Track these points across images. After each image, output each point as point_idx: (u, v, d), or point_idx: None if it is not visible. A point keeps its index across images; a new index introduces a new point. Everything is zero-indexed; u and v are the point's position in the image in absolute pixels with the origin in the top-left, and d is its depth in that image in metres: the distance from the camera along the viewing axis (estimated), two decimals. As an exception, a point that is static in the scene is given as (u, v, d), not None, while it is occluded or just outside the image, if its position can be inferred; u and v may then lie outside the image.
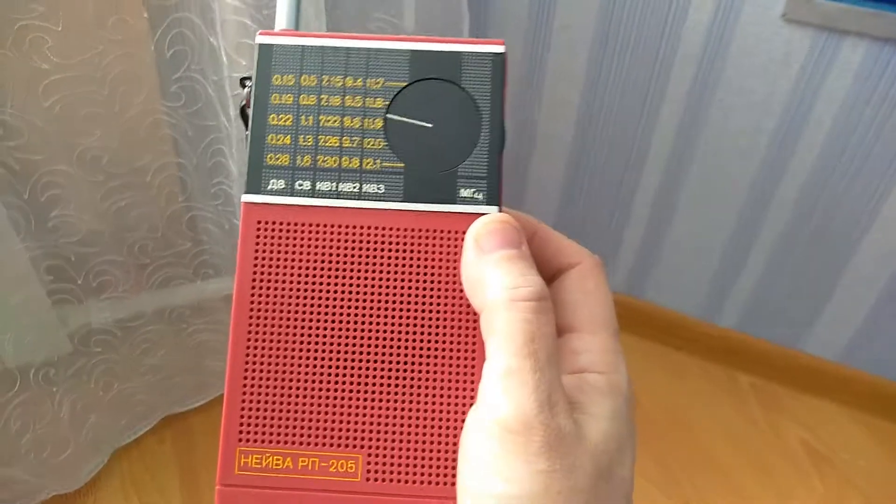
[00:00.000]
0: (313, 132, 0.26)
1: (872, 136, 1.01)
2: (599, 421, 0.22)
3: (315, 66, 0.26)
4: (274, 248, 0.25)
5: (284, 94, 0.26)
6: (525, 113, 1.24)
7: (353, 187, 0.26)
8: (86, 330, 0.98)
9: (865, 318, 1.21)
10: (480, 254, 0.24)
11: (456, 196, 0.26)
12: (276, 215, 0.25)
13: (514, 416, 0.21)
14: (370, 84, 0.26)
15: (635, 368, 1.13)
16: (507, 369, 0.22)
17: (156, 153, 0.93)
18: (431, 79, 0.26)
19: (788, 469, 1.23)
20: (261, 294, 0.25)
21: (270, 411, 0.25)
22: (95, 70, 0.82)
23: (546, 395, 0.21)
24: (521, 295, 0.23)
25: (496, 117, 0.26)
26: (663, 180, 1.20)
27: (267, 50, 0.26)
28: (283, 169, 0.26)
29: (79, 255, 0.92)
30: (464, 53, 0.26)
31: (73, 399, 0.99)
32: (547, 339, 0.22)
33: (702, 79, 1.06)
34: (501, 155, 0.26)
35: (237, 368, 0.25)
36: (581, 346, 0.25)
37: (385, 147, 0.26)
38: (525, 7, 1.12)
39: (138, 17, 0.84)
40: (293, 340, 0.25)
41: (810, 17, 0.93)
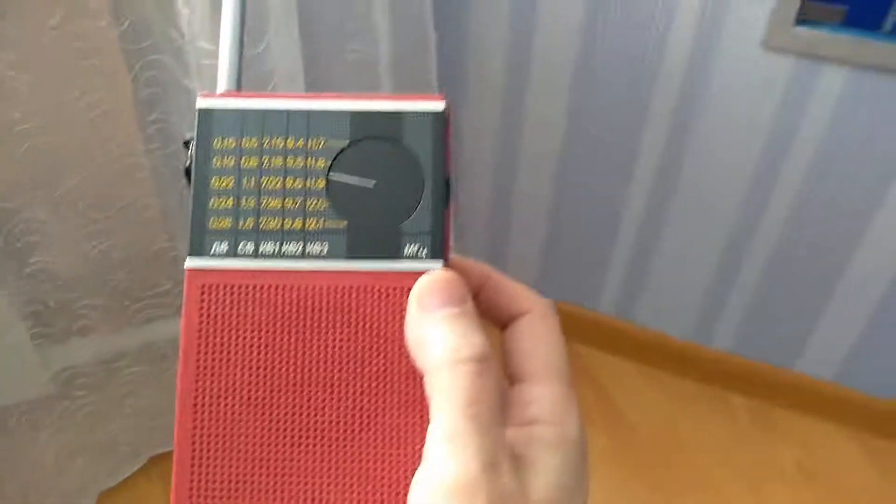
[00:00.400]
0: (255, 194, 0.26)
1: (856, 159, 1.01)
2: (545, 475, 0.22)
3: (256, 128, 0.26)
4: (219, 312, 0.25)
5: (226, 158, 0.26)
6: (509, 137, 1.23)
7: (296, 248, 0.26)
8: (69, 373, 0.98)
9: (857, 337, 1.20)
10: (423, 313, 0.24)
11: (400, 252, 0.25)
12: (220, 279, 0.25)
13: (458, 480, 0.21)
14: (312, 144, 0.26)
15: (628, 391, 1.12)
16: (449, 433, 0.22)
17: (135, 195, 0.92)
18: (373, 137, 0.26)
19: (782, 489, 1.22)
20: (207, 358, 0.25)
21: (220, 475, 0.24)
22: (72, 115, 0.81)
23: (489, 456, 0.21)
24: (461, 357, 0.22)
25: (439, 173, 0.26)
26: (650, 203, 1.20)
27: (207, 114, 0.26)
28: (226, 232, 0.26)
29: (59, 301, 0.91)
30: (404, 113, 0.26)
31: (57, 444, 0.98)
32: (489, 400, 0.22)
33: (683, 105, 1.06)
34: (448, 210, 0.26)
35: (186, 428, 0.25)
36: (532, 396, 0.25)
37: (328, 207, 0.26)
38: (505, 27, 1.11)
39: (113, 60, 0.83)
40: (240, 403, 0.25)
41: (790, 44, 0.92)
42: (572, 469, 0.23)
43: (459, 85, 1.21)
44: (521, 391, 0.25)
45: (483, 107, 1.22)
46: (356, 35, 0.98)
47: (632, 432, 1.30)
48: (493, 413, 0.22)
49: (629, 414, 1.33)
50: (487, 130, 1.25)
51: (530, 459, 0.23)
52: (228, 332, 0.25)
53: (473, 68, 1.18)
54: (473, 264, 0.27)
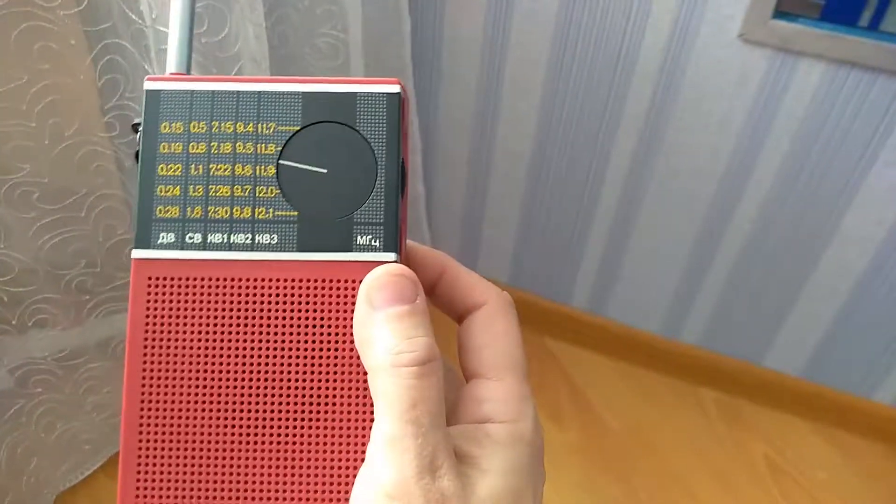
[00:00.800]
0: (204, 182, 0.25)
1: (830, 155, 1.01)
2: (492, 476, 0.22)
3: (205, 111, 0.25)
4: (165, 305, 0.24)
5: (173, 143, 0.25)
6: (483, 130, 1.21)
7: (245, 238, 0.25)
8: (24, 370, 0.94)
9: (826, 332, 1.21)
10: (370, 311, 0.23)
11: (352, 244, 0.25)
12: (167, 271, 0.25)
13: (395, 483, 0.21)
14: (262, 129, 0.25)
15: (599, 385, 1.12)
16: (389, 435, 0.22)
17: (92, 185, 0.88)
18: (325, 122, 0.25)
19: (752, 484, 1.23)
20: (153, 352, 0.24)
21: (167, 469, 0.24)
22: (20, 102, 0.77)
23: (428, 460, 0.21)
24: (403, 360, 0.22)
25: (393, 161, 0.25)
26: (622, 198, 1.19)
27: (154, 96, 0.25)
28: (173, 222, 0.25)
29: (12, 295, 0.87)
30: (358, 94, 0.25)
31: (11, 444, 0.95)
32: (430, 403, 0.22)
33: (659, 98, 1.05)
34: (403, 199, 0.25)
35: (132, 427, 0.24)
36: (485, 393, 0.24)
37: (278, 195, 0.25)
38: (480, 25, 1.10)
39: (65, 43, 0.79)
40: (187, 397, 0.24)
41: (767, 38, 0.92)
42: (522, 469, 0.23)
43: (434, 75, 1.19)
44: (476, 388, 0.25)
45: (457, 100, 1.20)
46: (327, 19, 0.95)
47: (602, 426, 1.30)
48: (434, 416, 0.22)
49: (599, 408, 1.33)
50: (462, 125, 1.23)
51: (477, 459, 0.23)
52: (175, 325, 0.24)
53: (448, 58, 1.16)
54: (431, 253, 0.27)
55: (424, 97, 1.21)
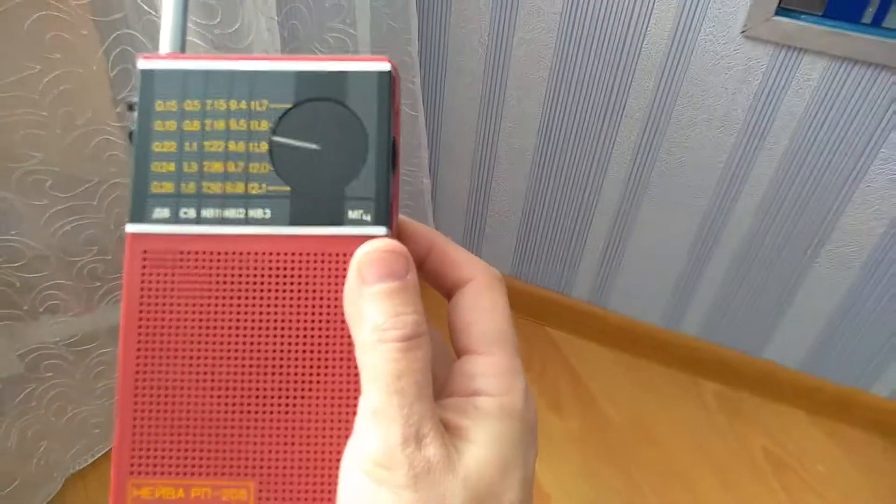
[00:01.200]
0: (197, 158, 0.25)
1: (830, 150, 1.01)
2: (478, 446, 0.22)
3: (198, 90, 0.25)
4: (160, 279, 0.25)
5: (168, 121, 0.25)
6: (488, 125, 1.22)
7: (238, 213, 0.25)
8: (36, 354, 0.95)
9: (825, 326, 1.22)
10: (361, 285, 0.23)
11: (344, 218, 0.25)
12: (162, 245, 0.25)
13: (381, 451, 0.21)
14: (255, 106, 0.25)
15: (600, 376, 1.13)
16: (375, 406, 0.22)
17: (104, 174, 0.89)
18: (317, 99, 0.25)
19: (751, 476, 1.24)
20: (148, 326, 0.24)
21: (161, 442, 0.24)
22: (33, 91, 0.78)
23: (413, 429, 0.22)
24: (389, 336, 0.22)
25: (384, 137, 0.25)
26: (625, 191, 1.20)
27: (149, 75, 0.25)
28: (168, 197, 0.25)
29: (24, 281, 0.89)
30: (349, 73, 0.25)
31: (21, 427, 0.96)
32: (416, 374, 0.22)
33: (662, 94, 1.06)
34: (394, 174, 0.26)
35: (127, 401, 0.24)
36: (475, 368, 0.24)
37: (271, 171, 0.25)
38: (486, 21, 1.10)
39: (77, 33, 0.80)
40: (181, 371, 0.24)
41: (769, 34, 0.92)
42: (510, 441, 0.23)
43: (440, 71, 1.20)
44: (466, 363, 0.25)
45: (462, 96, 1.21)
46: (336, 14, 0.96)
47: (603, 416, 1.31)
48: (420, 387, 0.22)
49: (601, 398, 1.34)
50: (467, 120, 1.24)
51: (465, 430, 0.23)
52: (170, 299, 0.24)
53: (454, 54, 1.17)
54: (421, 229, 0.27)
55: (430, 93, 1.22)
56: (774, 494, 1.21)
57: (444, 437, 0.22)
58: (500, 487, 0.22)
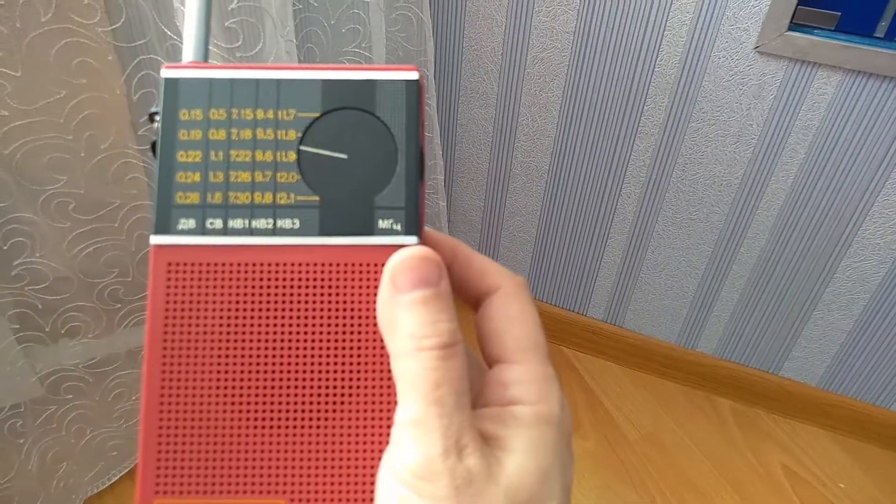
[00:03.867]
0: (224, 168, 0.24)
1: (846, 165, 1.01)
2: (518, 455, 0.22)
3: (224, 99, 0.25)
4: (186, 291, 0.24)
5: (192, 130, 0.25)
6: (502, 145, 1.23)
7: (267, 223, 0.24)
8: (56, 376, 0.96)
9: (843, 342, 1.21)
10: (395, 293, 0.23)
11: (374, 227, 0.24)
12: (188, 256, 0.24)
13: (421, 463, 0.21)
14: (282, 116, 0.25)
15: (616, 395, 1.12)
16: (413, 416, 0.22)
17: (125, 196, 0.90)
18: (345, 108, 0.25)
19: (769, 493, 1.23)
20: (174, 340, 0.24)
21: (188, 460, 0.23)
22: (59, 115, 0.80)
23: (453, 440, 0.21)
24: (427, 344, 0.22)
25: (412, 145, 0.25)
26: (640, 209, 1.20)
27: (173, 84, 0.25)
28: (194, 207, 0.24)
29: (46, 303, 0.89)
30: (377, 81, 0.25)
31: (42, 449, 0.96)
32: (454, 384, 0.22)
33: (676, 110, 1.06)
34: (422, 183, 0.25)
35: (152, 417, 0.24)
36: (509, 377, 0.24)
37: (299, 180, 0.25)
38: (499, 41, 1.11)
39: (103, 59, 0.82)
40: (208, 386, 0.24)
41: (783, 49, 0.93)
42: (548, 449, 0.22)
43: (455, 93, 1.21)
44: (499, 372, 0.24)
45: (477, 117, 1.22)
46: (352, 39, 0.97)
47: (620, 434, 1.30)
48: (459, 395, 0.22)
49: (617, 416, 1.33)
50: (481, 141, 1.24)
51: (504, 439, 0.22)
52: (196, 312, 0.24)
53: (468, 76, 1.18)
54: (443, 238, 0.26)
55: (444, 114, 1.24)
56: (794, 511, 1.20)
57: (484, 448, 0.22)
58: (542, 496, 0.22)
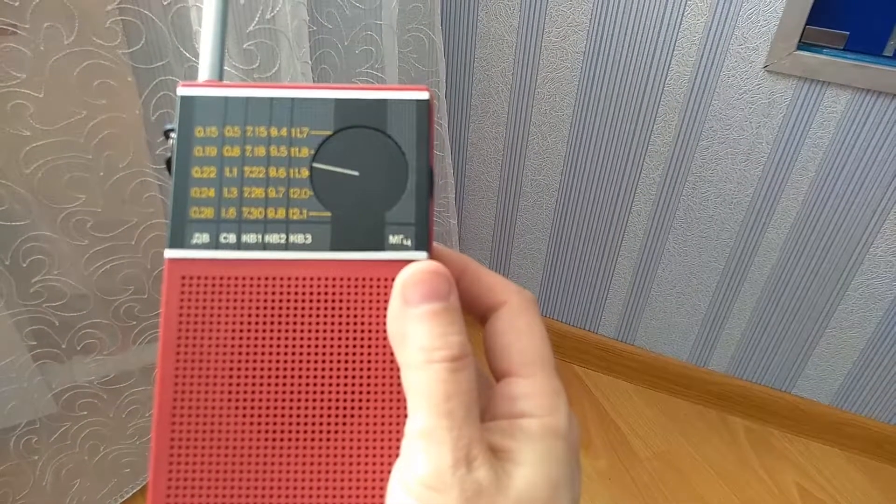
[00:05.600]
0: (238, 184, 0.25)
1: (857, 183, 1.02)
2: (527, 468, 0.22)
3: (239, 116, 0.25)
4: (200, 305, 0.24)
5: (208, 146, 0.25)
6: (512, 164, 1.24)
7: (279, 238, 0.25)
8: (71, 393, 0.96)
9: (856, 360, 1.21)
10: (405, 307, 0.23)
11: (384, 243, 0.25)
12: (201, 270, 0.24)
13: (432, 474, 0.21)
14: (295, 133, 0.25)
15: (628, 413, 1.11)
16: (424, 428, 0.22)
17: (142, 215, 0.92)
18: (357, 127, 0.25)
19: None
20: (187, 352, 0.24)
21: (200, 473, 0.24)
22: (79, 135, 0.81)
23: (463, 452, 0.21)
24: (437, 357, 0.22)
25: (423, 163, 0.25)
26: (650, 227, 1.21)
27: (189, 102, 0.25)
28: (208, 222, 0.25)
29: (63, 320, 0.90)
30: (388, 101, 0.26)
31: (56, 465, 0.97)
32: (464, 396, 0.22)
33: (686, 129, 1.07)
34: (432, 200, 0.26)
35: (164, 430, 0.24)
36: (517, 390, 0.24)
37: (312, 197, 0.25)
38: (510, 61, 1.13)
39: (123, 80, 0.83)
40: (220, 399, 0.24)
41: (792, 68, 0.94)
42: (557, 462, 0.23)
43: (466, 112, 1.22)
44: (507, 386, 0.25)
45: (488, 136, 1.23)
46: (365, 60, 0.99)
47: (632, 454, 1.30)
48: (469, 408, 0.22)
49: (629, 435, 1.32)
50: (492, 159, 1.26)
51: (513, 452, 0.22)
52: (209, 325, 0.24)
53: (479, 96, 1.19)
54: (452, 254, 0.27)
55: (455, 133, 1.25)
56: (810, 532, 1.19)
57: (493, 460, 0.22)
58: None
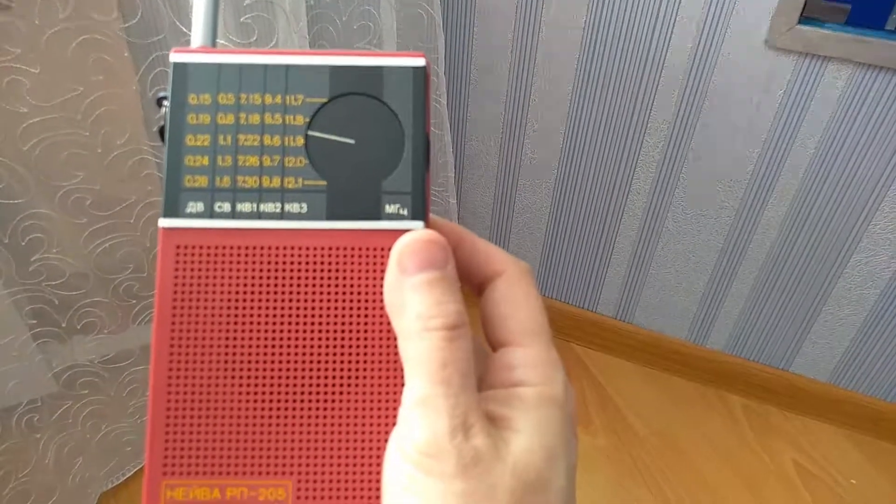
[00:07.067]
0: (232, 152, 0.25)
1: (857, 159, 1.02)
2: (524, 435, 0.22)
3: (233, 83, 0.25)
4: (194, 274, 0.24)
5: (201, 114, 0.25)
6: (512, 142, 1.24)
7: (274, 207, 0.25)
8: (72, 372, 0.96)
9: (854, 338, 1.21)
10: (402, 276, 0.23)
11: (380, 212, 0.25)
12: (196, 240, 0.24)
13: (429, 442, 0.21)
14: (290, 101, 0.25)
15: (626, 392, 1.12)
16: (420, 396, 0.22)
17: (140, 192, 0.91)
18: (352, 94, 0.25)
19: (781, 489, 1.22)
20: (181, 323, 0.24)
21: (196, 442, 0.24)
22: (76, 112, 0.81)
23: (460, 419, 0.21)
24: (433, 325, 0.22)
25: (419, 131, 0.25)
26: (649, 204, 1.20)
27: (182, 69, 0.25)
28: (202, 191, 0.25)
29: (63, 298, 0.90)
30: (384, 68, 0.25)
31: (58, 443, 0.97)
32: (460, 364, 0.22)
33: (686, 106, 1.07)
34: (428, 169, 0.26)
35: (159, 399, 0.24)
36: (514, 360, 0.24)
37: (307, 165, 0.25)
38: (509, 37, 1.12)
39: (119, 55, 0.82)
40: (216, 368, 0.24)
41: (793, 43, 0.93)
42: (555, 429, 0.23)
43: (465, 89, 1.21)
44: (504, 356, 0.25)
45: (487, 113, 1.23)
46: (363, 35, 0.98)
47: (630, 432, 1.30)
48: (465, 376, 0.22)
49: (628, 414, 1.33)
50: (491, 137, 1.25)
51: (509, 420, 0.23)
52: (205, 294, 0.24)
53: (478, 72, 1.19)
54: (448, 225, 0.27)
55: (454, 110, 1.24)
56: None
57: (490, 428, 0.22)
58: (548, 475, 0.22)
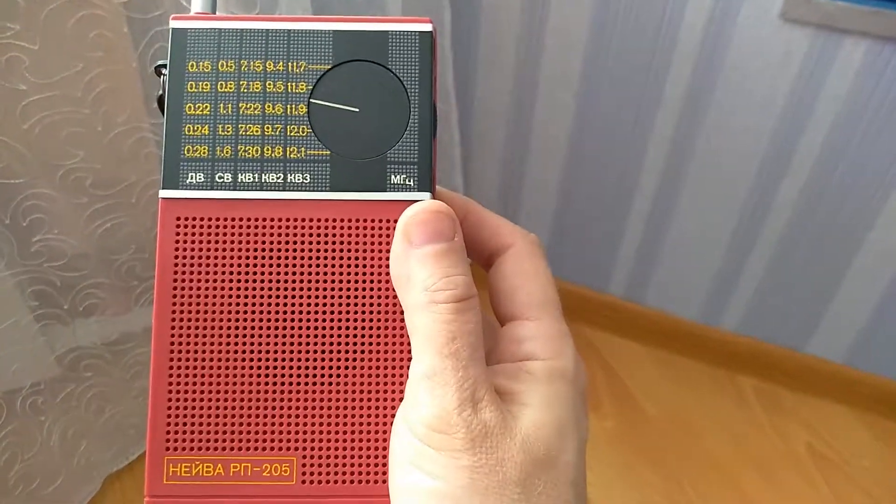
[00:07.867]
0: (233, 121, 0.24)
1: (874, 135, 1.00)
2: (533, 410, 0.22)
3: (233, 50, 0.24)
4: (195, 246, 0.24)
5: (201, 82, 0.24)
6: (520, 117, 1.22)
7: (277, 178, 0.24)
8: (75, 354, 0.96)
9: (869, 318, 1.20)
10: (408, 247, 0.23)
11: (386, 183, 0.24)
12: (197, 211, 0.24)
13: (437, 416, 0.21)
14: (292, 68, 0.24)
15: (637, 373, 1.11)
16: (429, 370, 0.22)
17: (141, 172, 0.90)
18: (356, 60, 0.25)
19: (793, 472, 1.22)
20: (183, 296, 0.24)
21: (198, 416, 0.23)
22: (76, 89, 0.79)
23: (469, 392, 0.21)
24: (441, 297, 0.22)
25: (425, 99, 0.25)
26: (662, 183, 1.19)
27: (181, 35, 0.24)
28: (202, 161, 0.24)
29: (65, 280, 0.90)
30: (389, 33, 0.25)
31: (63, 426, 0.97)
32: (469, 337, 0.22)
33: (699, 79, 1.05)
34: (434, 139, 0.25)
35: (161, 374, 0.23)
36: (523, 333, 0.24)
37: (310, 134, 0.24)
38: (517, 8, 1.10)
39: (119, 31, 0.81)
40: (219, 342, 0.24)
41: (809, 16, 0.91)
42: (565, 403, 0.23)
43: (472, 63, 1.19)
44: (513, 329, 0.24)
45: (495, 88, 1.21)
46: (367, 7, 0.96)
47: (641, 414, 1.29)
48: (474, 349, 0.22)
49: (638, 396, 1.32)
50: (499, 113, 1.23)
51: (519, 394, 0.22)
52: (206, 266, 0.24)
53: (486, 46, 1.17)
54: (456, 196, 0.26)
55: (462, 88, 1.22)
56: (818, 490, 1.19)
57: (499, 402, 0.22)
58: (558, 450, 0.22)
